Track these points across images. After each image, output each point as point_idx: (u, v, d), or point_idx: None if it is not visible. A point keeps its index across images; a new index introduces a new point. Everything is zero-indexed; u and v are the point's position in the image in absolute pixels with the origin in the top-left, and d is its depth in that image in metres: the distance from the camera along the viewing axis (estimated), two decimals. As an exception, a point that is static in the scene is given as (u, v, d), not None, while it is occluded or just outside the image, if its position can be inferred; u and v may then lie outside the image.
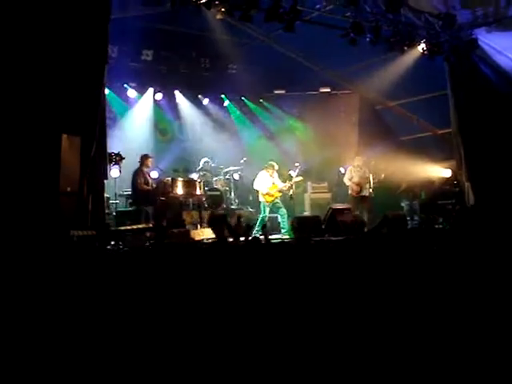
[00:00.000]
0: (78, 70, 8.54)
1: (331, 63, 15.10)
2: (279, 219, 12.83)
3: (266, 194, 12.80)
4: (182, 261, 6.13)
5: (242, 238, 7.47)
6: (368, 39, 11.75)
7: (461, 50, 13.26)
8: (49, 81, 8.13)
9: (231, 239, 7.38)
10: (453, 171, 14.25)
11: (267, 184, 12.83)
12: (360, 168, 13.45)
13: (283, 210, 12.81)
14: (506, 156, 13.07)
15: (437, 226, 11.43)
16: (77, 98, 8.53)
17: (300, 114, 16.53)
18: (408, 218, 13.56)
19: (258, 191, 13.02)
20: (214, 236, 11.69)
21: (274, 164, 13.02)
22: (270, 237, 9.56)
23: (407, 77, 13.61)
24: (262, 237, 8.21)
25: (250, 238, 7.75)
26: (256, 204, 13.56)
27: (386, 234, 7.50)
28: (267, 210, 12.79)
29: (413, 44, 12.56)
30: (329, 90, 16.50)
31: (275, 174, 12.97)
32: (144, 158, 11.84)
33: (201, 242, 10.41)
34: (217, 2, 9.99)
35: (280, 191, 12.86)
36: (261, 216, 12.82)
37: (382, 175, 13.37)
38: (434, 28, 12.83)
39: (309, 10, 11.42)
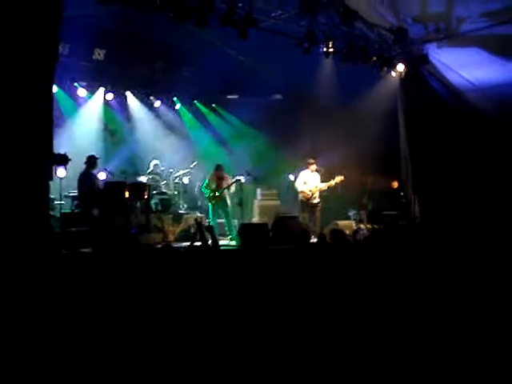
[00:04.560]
0: (26, 68, 8.31)
1: (284, 70, 15.17)
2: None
3: (208, 196, 12.82)
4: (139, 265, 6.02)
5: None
6: (321, 50, 11.89)
7: (412, 64, 13.53)
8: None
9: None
10: (400, 183, 14.48)
11: (212, 186, 12.81)
12: (313, 174, 13.51)
13: (228, 216, 12.81)
14: (451, 170, 13.40)
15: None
16: (23, 96, 8.30)
17: (252, 119, 16.53)
18: (355, 228, 13.71)
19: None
20: (160, 241, 11.65)
21: (219, 165, 13.01)
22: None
23: (359, 86, 13.84)
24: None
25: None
26: (205, 209, 13.49)
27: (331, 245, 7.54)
28: (212, 213, 12.76)
29: (365, 56, 12.73)
30: (281, 96, 16.56)
31: (223, 178, 12.89)
32: (91, 158, 11.59)
33: (150, 245, 10.31)
34: (171, 6, 9.88)
35: (217, 193, 12.80)
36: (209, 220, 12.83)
37: (340, 177, 13.34)
38: (386, 41, 13.06)
39: (264, 18, 11.46)
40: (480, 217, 12.24)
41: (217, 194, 12.71)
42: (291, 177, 14.27)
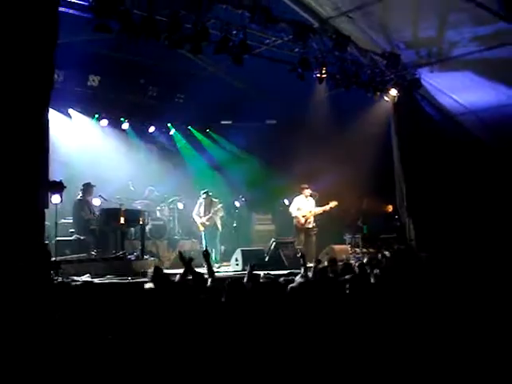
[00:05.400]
0: (21, 95, 8.31)
1: (278, 95, 15.25)
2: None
3: (199, 223, 12.87)
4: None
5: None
6: (315, 75, 11.97)
7: (404, 88, 13.64)
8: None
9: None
10: (394, 206, 14.49)
11: (200, 213, 12.82)
12: (307, 199, 13.52)
13: (216, 239, 12.81)
14: (446, 193, 13.46)
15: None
16: (19, 124, 8.29)
17: (246, 144, 16.58)
18: (350, 252, 13.68)
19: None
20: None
21: (205, 192, 13.03)
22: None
23: (352, 111, 13.92)
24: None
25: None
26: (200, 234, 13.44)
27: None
28: (205, 240, 12.77)
29: (358, 81, 12.81)
30: (275, 121, 16.64)
31: (211, 203, 12.90)
32: (86, 186, 11.59)
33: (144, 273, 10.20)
34: (166, 34, 9.91)
35: (206, 219, 12.83)
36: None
37: (334, 202, 13.36)
38: (379, 66, 13.17)
39: (258, 45, 11.55)
40: (475, 238, 12.30)
41: (206, 219, 12.73)
42: (286, 201, 14.27)
